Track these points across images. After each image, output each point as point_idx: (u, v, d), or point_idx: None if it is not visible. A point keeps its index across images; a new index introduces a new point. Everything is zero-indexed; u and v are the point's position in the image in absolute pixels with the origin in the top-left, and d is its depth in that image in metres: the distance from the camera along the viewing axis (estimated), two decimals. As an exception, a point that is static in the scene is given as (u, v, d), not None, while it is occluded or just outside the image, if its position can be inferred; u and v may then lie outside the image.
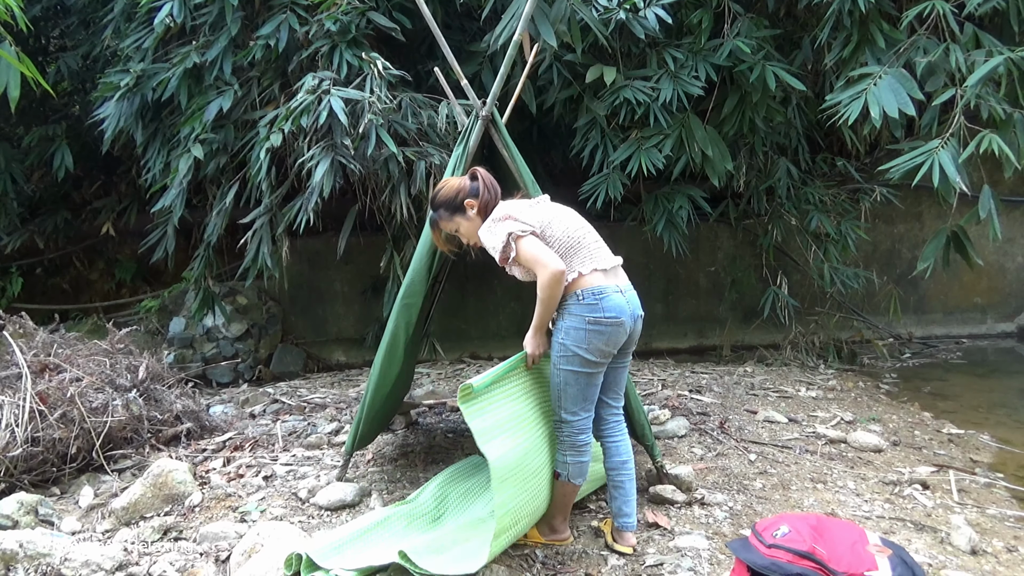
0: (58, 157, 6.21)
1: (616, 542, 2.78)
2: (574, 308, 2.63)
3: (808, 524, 2.16)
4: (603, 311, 2.61)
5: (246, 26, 5.01)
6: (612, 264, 2.74)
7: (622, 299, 2.67)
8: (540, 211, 2.74)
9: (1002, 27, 4.64)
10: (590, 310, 2.61)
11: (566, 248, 2.66)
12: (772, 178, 5.97)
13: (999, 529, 3.02)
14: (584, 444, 2.72)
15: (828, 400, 5.01)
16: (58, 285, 7.79)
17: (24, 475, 3.43)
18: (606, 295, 2.63)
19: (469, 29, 5.54)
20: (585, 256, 2.67)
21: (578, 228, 2.74)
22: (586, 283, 2.63)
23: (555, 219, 2.72)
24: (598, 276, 2.66)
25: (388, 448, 4.02)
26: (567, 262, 2.63)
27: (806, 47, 5.27)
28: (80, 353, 4.22)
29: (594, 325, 2.61)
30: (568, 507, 2.82)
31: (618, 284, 2.71)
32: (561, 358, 2.67)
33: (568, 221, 2.74)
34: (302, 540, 2.67)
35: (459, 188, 2.82)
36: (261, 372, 6.62)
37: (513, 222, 2.64)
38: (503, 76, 3.06)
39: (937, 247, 4.36)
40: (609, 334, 2.64)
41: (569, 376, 2.66)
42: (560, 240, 2.67)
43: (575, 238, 2.69)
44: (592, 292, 2.62)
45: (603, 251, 2.76)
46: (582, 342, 2.62)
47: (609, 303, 2.62)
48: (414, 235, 4.93)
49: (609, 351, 2.68)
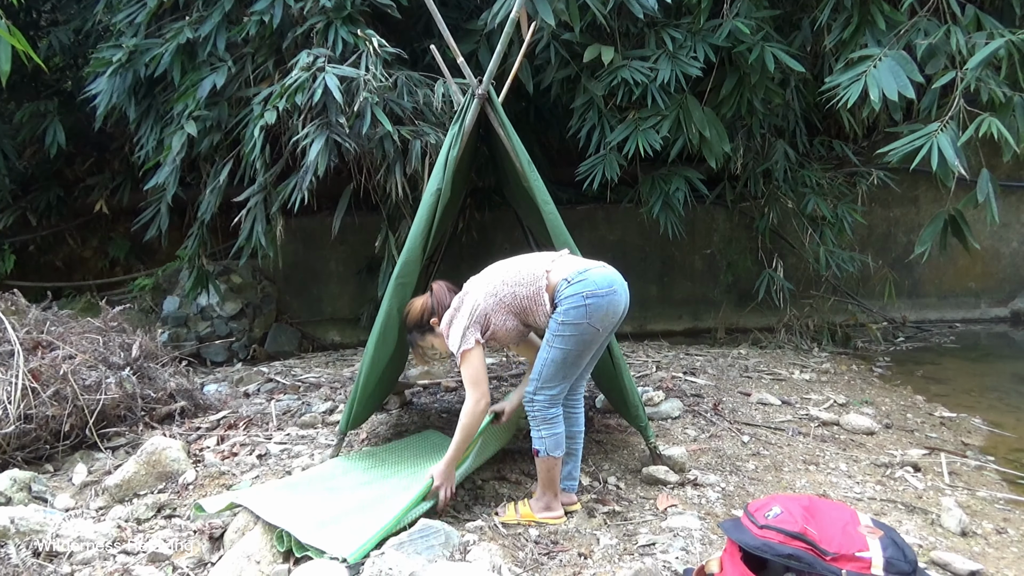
0: (50, 133, 6.16)
1: (563, 504, 2.91)
2: (566, 290, 2.68)
3: (800, 505, 2.17)
4: (595, 284, 2.68)
5: (240, 1, 4.95)
6: (572, 252, 2.90)
7: (607, 271, 2.76)
8: (483, 281, 2.84)
9: (1003, 9, 4.62)
10: (582, 286, 2.66)
11: (517, 282, 2.76)
12: (769, 160, 5.95)
13: (989, 511, 3.04)
14: (555, 416, 2.78)
15: (821, 383, 5.03)
16: (51, 262, 7.75)
17: (17, 452, 3.43)
18: (590, 271, 2.71)
19: (466, 7, 5.49)
20: (540, 266, 2.77)
21: (520, 260, 2.85)
22: (561, 273, 2.71)
23: (497, 277, 2.81)
24: (568, 263, 2.78)
25: (382, 428, 4.03)
26: (531, 286, 2.73)
27: (806, 28, 5.24)
28: (73, 331, 4.21)
29: (591, 298, 2.66)
30: (555, 481, 2.84)
31: (597, 262, 2.80)
32: (558, 336, 2.69)
33: (508, 266, 2.84)
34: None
35: (422, 309, 2.97)
36: (255, 351, 6.62)
37: (464, 320, 2.74)
38: (500, 55, 3.02)
39: (935, 231, 4.35)
40: (608, 304, 2.69)
41: (559, 353, 2.70)
42: (514, 282, 2.77)
43: (522, 269, 2.79)
44: (575, 273, 2.69)
45: (556, 251, 2.91)
46: (583, 317, 2.66)
47: (596, 276, 2.70)
48: (409, 215, 4.91)
49: (611, 320, 2.74)
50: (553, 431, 2.77)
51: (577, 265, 2.76)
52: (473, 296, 2.80)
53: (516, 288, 2.77)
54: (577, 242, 3.14)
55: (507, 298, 2.77)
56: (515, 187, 3.50)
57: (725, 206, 6.94)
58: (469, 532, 2.65)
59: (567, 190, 6.75)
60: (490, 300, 2.78)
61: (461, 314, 2.78)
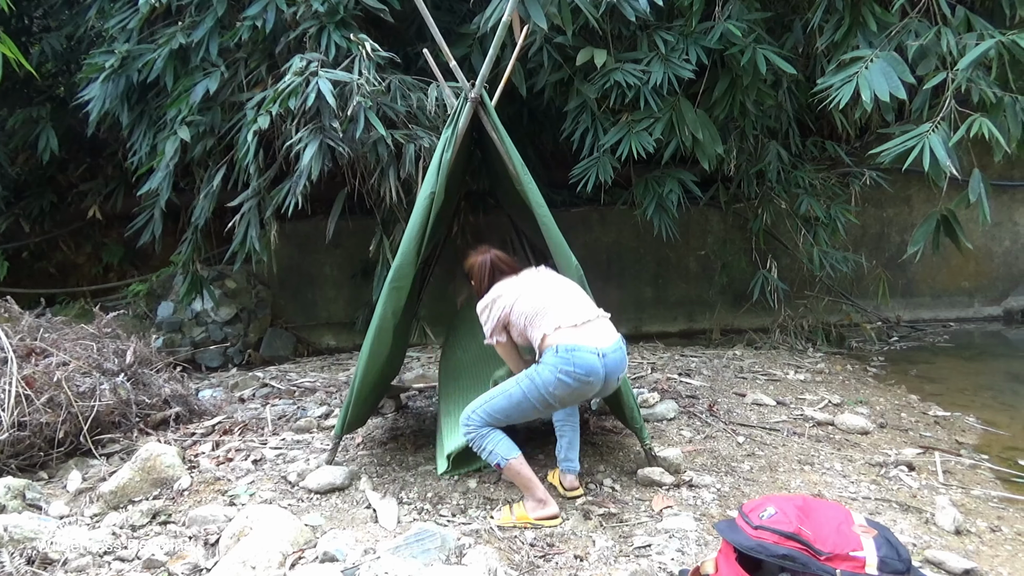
0: (43, 139, 6.14)
1: (564, 487, 3.08)
2: (549, 358, 2.79)
3: (794, 505, 2.17)
4: (574, 366, 2.75)
5: (232, 6, 4.94)
6: (585, 319, 2.87)
7: (595, 360, 2.78)
8: (514, 291, 2.98)
9: (993, 10, 4.63)
10: (563, 362, 2.75)
11: (530, 318, 2.89)
12: (762, 162, 5.97)
13: (983, 509, 3.05)
14: (489, 429, 2.88)
15: (816, 383, 5.04)
16: (44, 269, 7.72)
17: (11, 459, 3.42)
18: (579, 351, 2.77)
19: (459, 10, 5.49)
20: (549, 319, 2.85)
21: (544, 297, 2.93)
22: (556, 339, 2.80)
23: (523, 295, 2.95)
24: (567, 333, 2.81)
25: (378, 432, 4.03)
26: (534, 329, 2.88)
27: (797, 30, 5.25)
28: (67, 337, 4.19)
29: (564, 375, 2.75)
30: (532, 479, 2.86)
31: (597, 344, 2.81)
32: (527, 380, 2.83)
33: (534, 294, 2.94)
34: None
35: (471, 268, 3.20)
36: (251, 356, 6.60)
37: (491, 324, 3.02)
38: (492, 58, 3.03)
39: (927, 231, 4.37)
40: (575, 388, 2.79)
41: (519, 395, 2.83)
42: (525, 313, 2.91)
43: (537, 308, 2.89)
44: (566, 348, 2.77)
45: (574, 309, 2.90)
46: (549, 385, 2.77)
47: (580, 359, 2.76)
48: (403, 218, 4.91)
49: (570, 402, 2.90)
50: (495, 440, 2.86)
51: (578, 337, 2.80)
52: (501, 304, 2.97)
53: (527, 325, 2.92)
54: (571, 244, 3.15)
55: (518, 326, 2.95)
56: (509, 190, 3.51)
57: (719, 207, 6.96)
58: (465, 536, 2.65)
59: (561, 193, 6.77)
60: (508, 315, 2.97)
61: (491, 316, 3.00)
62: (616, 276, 7.26)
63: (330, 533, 2.70)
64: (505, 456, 2.83)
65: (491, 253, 3.15)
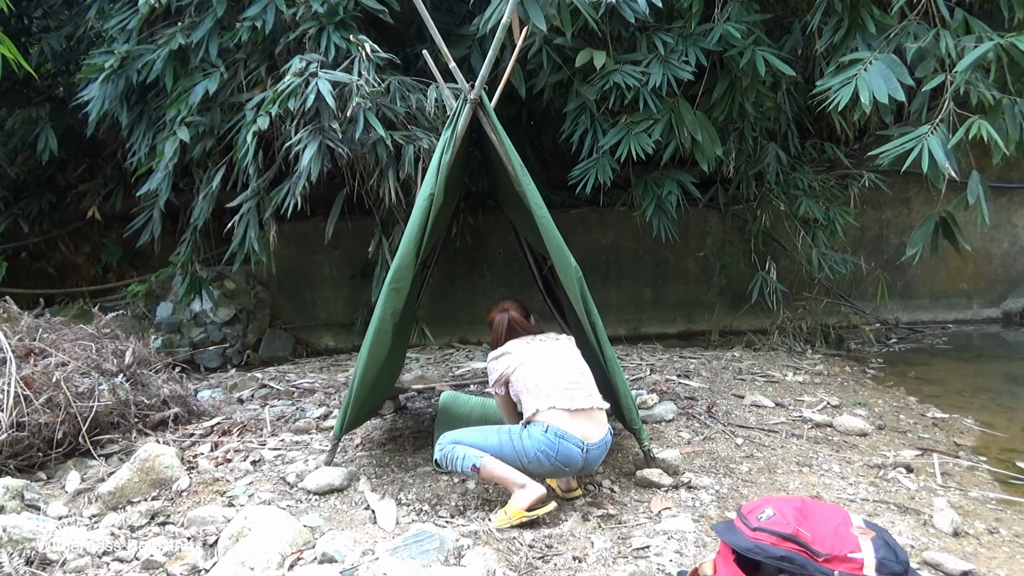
0: (42, 140, 6.13)
1: (562, 489, 3.14)
2: (537, 433, 2.87)
3: (792, 507, 2.18)
4: (557, 452, 2.84)
5: (232, 7, 4.94)
6: (580, 407, 2.92)
7: (578, 454, 2.86)
8: (520, 355, 3.11)
9: (992, 12, 4.64)
10: (548, 445, 2.84)
11: (529, 388, 2.99)
12: (761, 163, 5.97)
13: (981, 511, 3.06)
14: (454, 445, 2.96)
15: (815, 384, 5.04)
16: (43, 269, 7.72)
17: (10, 460, 3.42)
18: (565, 442, 2.85)
19: (458, 12, 5.49)
20: (546, 396, 2.93)
21: (548, 371, 3.01)
22: (548, 419, 2.88)
23: (528, 361, 3.06)
24: (560, 416, 2.88)
25: (377, 433, 4.03)
26: (530, 399, 2.97)
27: (796, 32, 5.26)
28: (66, 338, 4.19)
29: (543, 456, 2.85)
30: (507, 472, 2.89)
31: (584, 438, 2.87)
32: (508, 434, 2.93)
33: (540, 365, 3.04)
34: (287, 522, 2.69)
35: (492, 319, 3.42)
36: (249, 357, 6.60)
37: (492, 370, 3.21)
38: (492, 59, 3.03)
39: (926, 233, 4.37)
40: (549, 468, 2.88)
41: (496, 443, 2.92)
42: (525, 380, 3.02)
43: (538, 380, 2.99)
44: (555, 432, 2.85)
45: (574, 394, 2.95)
46: (527, 454, 2.87)
47: (564, 449, 2.84)
48: (402, 219, 4.91)
49: (538, 474, 2.94)
50: (465, 448, 2.93)
51: (569, 424, 2.87)
52: (507, 362, 3.12)
53: (524, 391, 3.02)
54: (570, 246, 3.15)
55: (516, 388, 3.09)
56: (508, 191, 3.51)
57: (718, 209, 6.96)
58: (463, 537, 2.65)
59: (560, 194, 6.77)
60: (510, 375, 3.11)
61: (495, 369, 3.19)
62: (615, 277, 7.27)
63: (329, 534, 2.70)
64: (478, 457, 2.89)
65: (509, 314, 3.33)
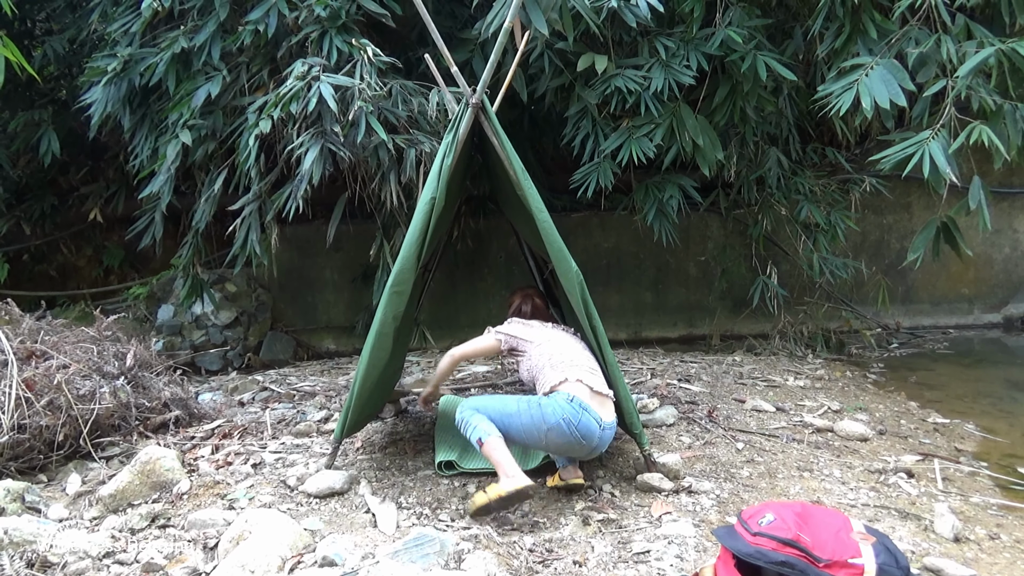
0: (44, 142, 6.14)
1: (564, 479, 3.13)
2: (561, 401, 2.95)
3: (793, 512, 2.18)
4: (579, 423, 2.93)
5: (235, 11, 4.95)
6: (599, 390, 3.07)
7: (596, 429, 2.97)
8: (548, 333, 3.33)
9: (993, 18, 4.64)
10: (572, 413, 2.93)
11: (555, 363, 3.15)
12: (762, 168, 5.98)
13: (982, 517, 3.05)
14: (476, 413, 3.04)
15: (816, 389, 5.04)
16: (45, 271, 7.72)
17: (11, 462, 3.42)
18: (588, 415, 2.95)
19: (460, 16, 5.50)
20: (574, 371, 3.08)
21: (575, 354, 3.20)
22: (574, 390, 3.00)
23: (554, 340, 3.27)
24: (584, 391, 3.02)
25: (377, 436, 4.03)
26: (554, 372, 3.10)
27: (798, 37, 5.27)
28: (67, 340, 4.20)
29: (566, 424, 2.92)
30: (506, 458, 2.92)
31: (602, 416, 3.00)
32: (529, 402, 2.99)
33: (566, 347, 3.24)
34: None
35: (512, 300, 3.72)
36: (250, 360, 6.60)
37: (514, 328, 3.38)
38: (494, 63, 3.04)
39: (927, 238, 4.37)
40: (567, 440, 2.95)
41: (514, 409, 3.01)
42: (551, 355, 3.19)
43: (565, 359, 3.15)
44: (580, 403, 2.95)
45: (595, 377, 3.13)
46: (548, 421, 2.93)
47: (586, 420, 2.94)
48: (404, 223, 4.92)
49: (552, 449, 3.08)
50: (480, 420, 3.01)
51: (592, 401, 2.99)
52: (535, 333, 3.31)
53: (548, 366, 3.16)
54: (571, 249, 3.15)
55: (537, 363, 3.20)
56: (509, 195, 3.52)
57: (719, 213, 6.96)
58: (464, 541, 2.65)
59: (561, 198, 6.77)
60: (531, 347, 3.26)
61: (517, 330, 3.35)
62: (616, 281, 7.27)
63: (329, 537, 2.70)
64: (487, 433, 2.96)
65: (534, 300, 3.65)
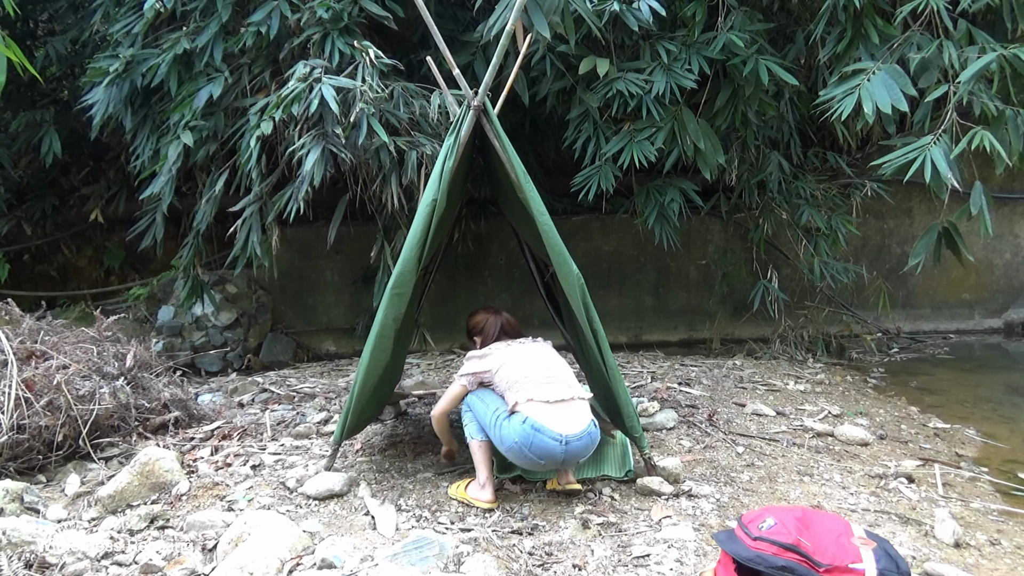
0: (46, 143, 6.15)
1: (561, 484, 3.15)
2: (516, 424, 2.96)
3: (793, 516, 2.17)
4: (531, 446, 2.92)
5: (237, 12, 4.96)
6: (559, 398, 3.02)
7: (555, 447, 2.91)
8: (503, 356, 3.22)
9: (995, 24, 4.64)
10: (522, 436, 2.92)
11: (510, 384, 3.09)
12: (764, 172, 5.98)
13: (982, 522, 3.05)
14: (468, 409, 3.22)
15: (816, 394, 5.04)
16: (45, 272, 7.72)
17: (10, 463, 3.42)
18: (541, 435, 2.91)
19: (462, 18, 5.51)
20: (525, 390, 3.04)
21: (528, 368, 3.13)
22: (527, 411, 2.97)
23: (509, 362, 3.17)
24: (538, 408, 2.97)
25: (377, 438, 4.02)
26: (510, 394, 3.07)
27: (799, 41, 5.27)
28: (67, 340, 4.20)
29: (520, 447, 2.93)
30: (483, 465, 3.11)
31: (563, 431, 2.93)
32: (495, 416, 3.06)
33: (520, 363, 3.16)
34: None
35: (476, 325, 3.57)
36: (250, 361, 6.60)
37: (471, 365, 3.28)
38: (495, 66, 3.04)
39: (928, 243, 4.37)
40: (527, 460, 2.98)
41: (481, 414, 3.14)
42: (507, 379, 3.12)
43: (518, 377, 3.10)
44: (532, 425, 2.93)
45: (552, 386, 3.07)
46: (506, 442, 2.98)
47: (540, 442, 2.91)
48: (405, 225, 4.91)
49: (523, 467, 3.12)
50: (473, 417, 3.18)
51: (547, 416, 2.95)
52: (487, 364, 3.22)
53: (506, 390, 3.11)
54: (573, 253, 3.15)
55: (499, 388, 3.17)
56: (510, 198, 3.52)
57: (720, 217, 6.96)
58: (463, 543, 2.64)
59: (563, 201, 6.77)
60: (491, 376, 3.20)
61: (474, 369, 3.25)
62: (617, 284, 7.26)
63: (328, 540, 2.69)
64: (477, 434, 3.14)
65: (502, 316, 3.51)
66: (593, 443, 3.03)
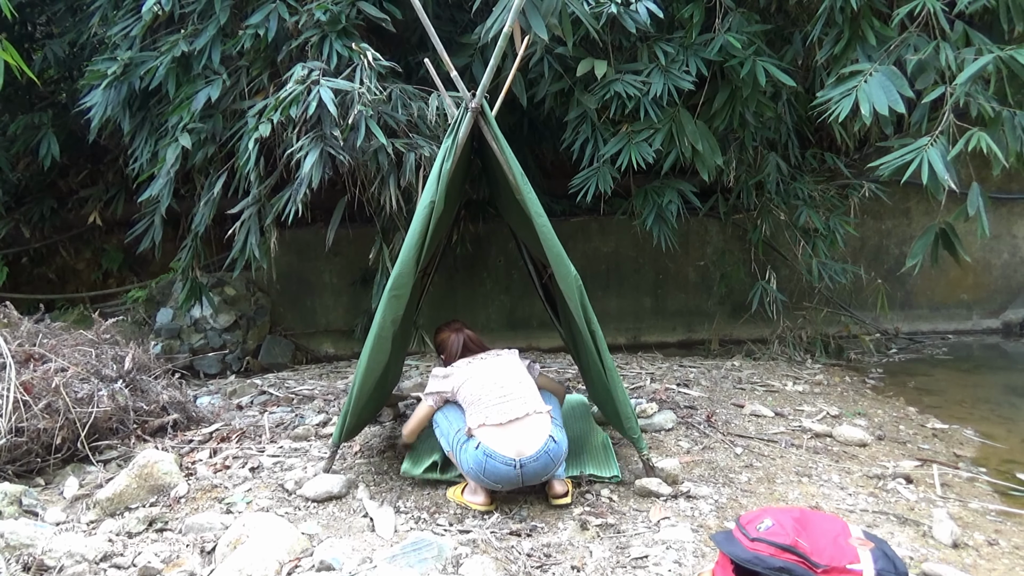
0: (44, 145, 6.15)
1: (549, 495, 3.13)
2: (470, 445, 3.03)
3: (791, 517, 2.18)
4: (484, 472, 2.98)
5: (235, 15, 4.96)
6: (512, 417, 3.04)
7: (508, 471, 2.96)
8: (463, 374, 3.23)
9: (992, 25, 4.65)
10: (476, 461, 2.98)
11: (468, 404, 3.15)
12: (761, 173, 5.98)
13: (981, 523, 3.05)
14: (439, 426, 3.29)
15: (814, 394, 5.04)
16: (44, 274, 7.72)
17: (8, 465, 3.41)
18: (492, 461, 2.96)
19: (460, 20, 5.51)
20: (479, 413, 3.08)
21: (483, 388, 3.14)
22: (480, 437, 3.03)
23: (469, 381, 3.19)
24: (490, 433, 3.02)
25: (375, 440, 4.02)
26: (468, 415, 3.13)
27: (797, 43, 5.28)
28: (65, 343, 4.19)
29: (476, 472, 3.00)
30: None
31: (515, 454, 2.96)
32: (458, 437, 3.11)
33: (478, 382, 3.17)
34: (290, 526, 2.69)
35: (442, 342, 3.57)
36: (249, 363, 6.60)
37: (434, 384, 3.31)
38: (493, 68, 3.04)
39: (926, 243, 4.37)
40: (485, 484, 3.03)
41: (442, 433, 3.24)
42: (466, 399, 3.17)
43: (474, 398, 3.13)
44: (484, 451, 2.98)
45: (506, 406, 3.08)
46: (464, 465, 3.06)
47: (492, 468, 2.97)
48: (403, 227, 4.92)
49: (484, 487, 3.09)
50: (443, 433, 3.23)
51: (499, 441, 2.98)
52: (450, 383, 3.24)
53: (465, 409, 3.17)
54: (571, 254, 3.15)
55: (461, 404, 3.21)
56: (508, 200, 3.52)
57: (718, 218, 6.97)
58: (462, 545, 2.65)
59: (561, 202, 6.78)
60: (454, 394, 3.24)
61: (437, 388, 3.29)
62: (615, 286, 7.27)
63: (327, 542, 2.69)
64: (447, 449, 3.21)
65: (464, 333, 3.52)
66: (554, 460, 3.01)
